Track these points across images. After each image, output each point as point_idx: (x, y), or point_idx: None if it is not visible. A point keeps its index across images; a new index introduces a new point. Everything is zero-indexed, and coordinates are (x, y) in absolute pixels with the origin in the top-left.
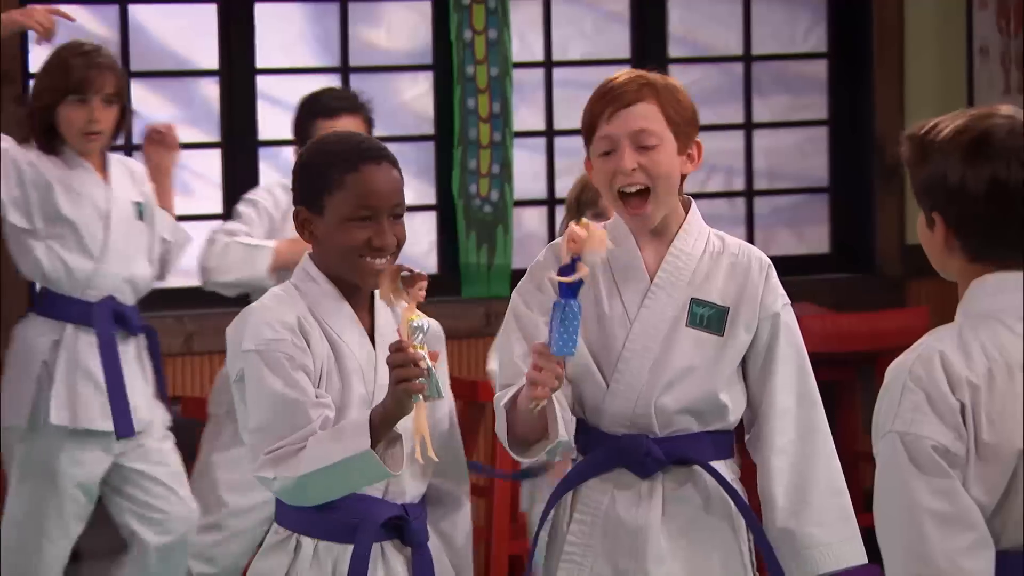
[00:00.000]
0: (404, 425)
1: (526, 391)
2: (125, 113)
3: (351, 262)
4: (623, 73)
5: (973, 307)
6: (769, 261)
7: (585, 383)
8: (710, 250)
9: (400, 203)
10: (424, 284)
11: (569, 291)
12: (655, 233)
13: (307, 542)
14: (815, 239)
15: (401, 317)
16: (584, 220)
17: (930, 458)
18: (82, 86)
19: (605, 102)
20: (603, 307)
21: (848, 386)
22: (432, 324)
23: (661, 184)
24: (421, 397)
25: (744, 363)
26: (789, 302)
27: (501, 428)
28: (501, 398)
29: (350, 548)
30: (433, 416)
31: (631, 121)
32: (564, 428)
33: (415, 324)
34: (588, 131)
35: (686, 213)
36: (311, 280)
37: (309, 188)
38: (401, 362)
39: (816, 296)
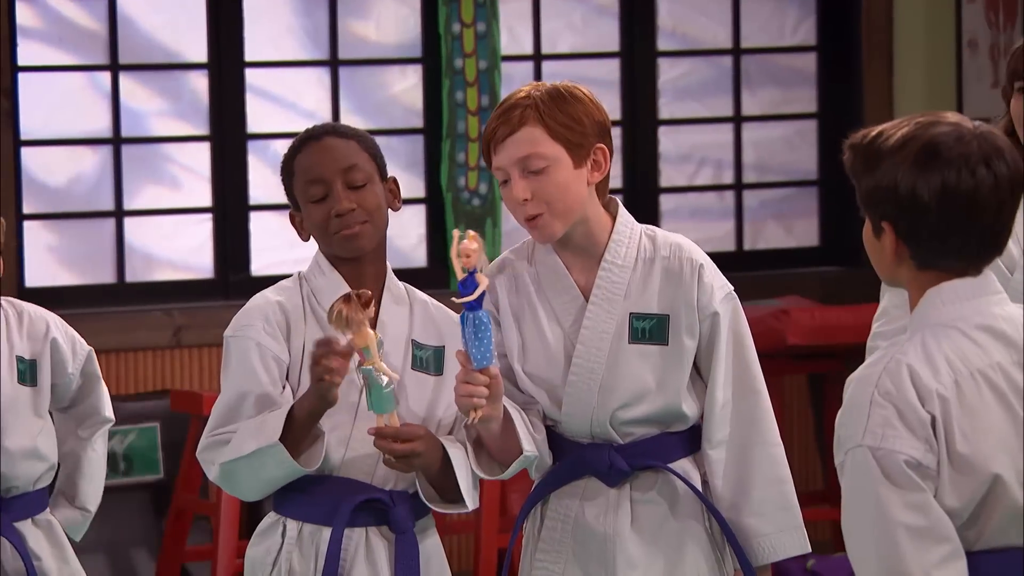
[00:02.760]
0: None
1: (461, 408)
2: None
3: (327, 241)
4: (513, 95)
5: (931, 317)
6: (701, 260)
7: (539, 400)
8: (642, 257)
9: (351, 168)
10: (370, 298)
11: (476, 303)
12: (581, 248)
13: (292, 525)
14: (804, 232)
15: (365, 337)
16: (471, 233)
17: (903, 472)
18: None
19: (490, 132)
20: (539, 324)
21: (836, 379)
22: (452, 315)
23: (557, 205)
24: (392, 409)
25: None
26: (730, 290)
27: (469, 449)
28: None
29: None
30: (436, 405)
31: (514, 149)
32: (531, 443)
33: (380, 339)
34: (487, 162)
35: (613, 220)
36: (318, 270)
37: (286, 191)
38: (336, 356)
39: (805, 289)
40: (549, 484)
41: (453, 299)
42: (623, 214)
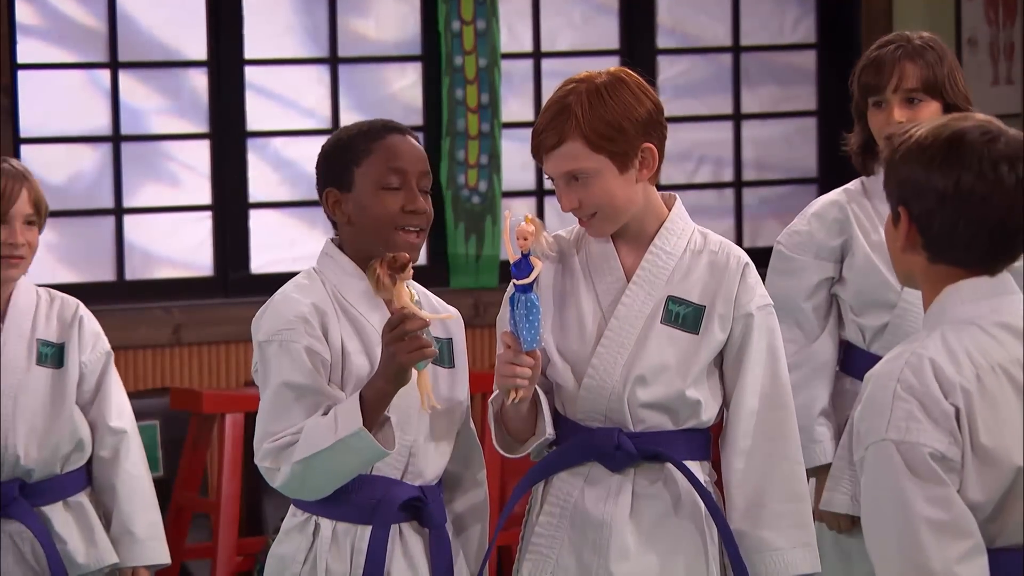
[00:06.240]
0: (395, 403)
1: (502, 388)
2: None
3: (386, 235)
4: (563, 96)
5: (949, 314)
6: (748, 260)
7: (559, 377)
8: (691, 248)
9: (427, 175)
10: (408, 261)
11: (528, 286)
12: (632, 234)
13: (325, 524)
14: None
15: (400, 298)
16: (529, 216)
17: (927, 466)
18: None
19: (537, 138)
20: (579, 303)
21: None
22: (453, 311)
23: (605, 208)
24: (428, 362)
25: (720, 361)
26: (770, 303)
27: (492, 425)
28: (495, 400)
29: (369, 529)
30: (454, 398)
31: (558, 164)
32: (550, 425)
33: (417, 300)
34: (536, 160)
35: (669, 210)
36: (334, 263)
37: (337, 166)
38: (415, 327)
39: None
40: (551, 465)
41: (513, 281)
42: (679, 208)
